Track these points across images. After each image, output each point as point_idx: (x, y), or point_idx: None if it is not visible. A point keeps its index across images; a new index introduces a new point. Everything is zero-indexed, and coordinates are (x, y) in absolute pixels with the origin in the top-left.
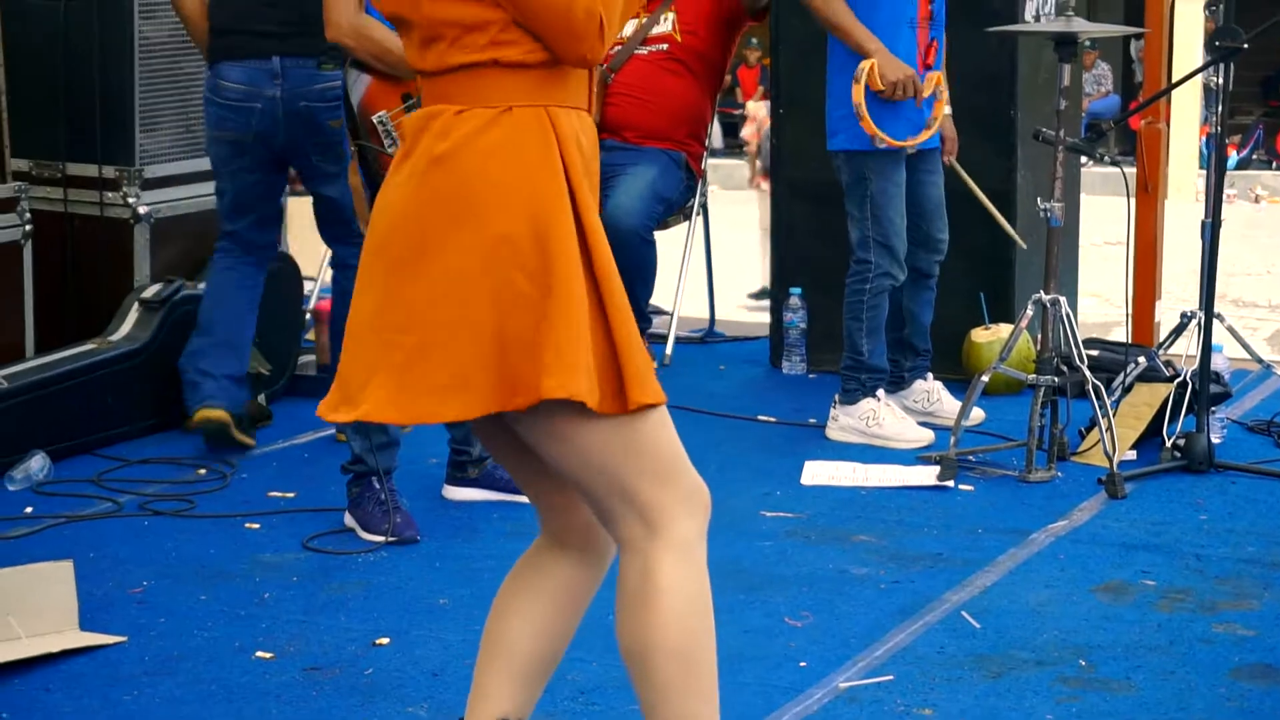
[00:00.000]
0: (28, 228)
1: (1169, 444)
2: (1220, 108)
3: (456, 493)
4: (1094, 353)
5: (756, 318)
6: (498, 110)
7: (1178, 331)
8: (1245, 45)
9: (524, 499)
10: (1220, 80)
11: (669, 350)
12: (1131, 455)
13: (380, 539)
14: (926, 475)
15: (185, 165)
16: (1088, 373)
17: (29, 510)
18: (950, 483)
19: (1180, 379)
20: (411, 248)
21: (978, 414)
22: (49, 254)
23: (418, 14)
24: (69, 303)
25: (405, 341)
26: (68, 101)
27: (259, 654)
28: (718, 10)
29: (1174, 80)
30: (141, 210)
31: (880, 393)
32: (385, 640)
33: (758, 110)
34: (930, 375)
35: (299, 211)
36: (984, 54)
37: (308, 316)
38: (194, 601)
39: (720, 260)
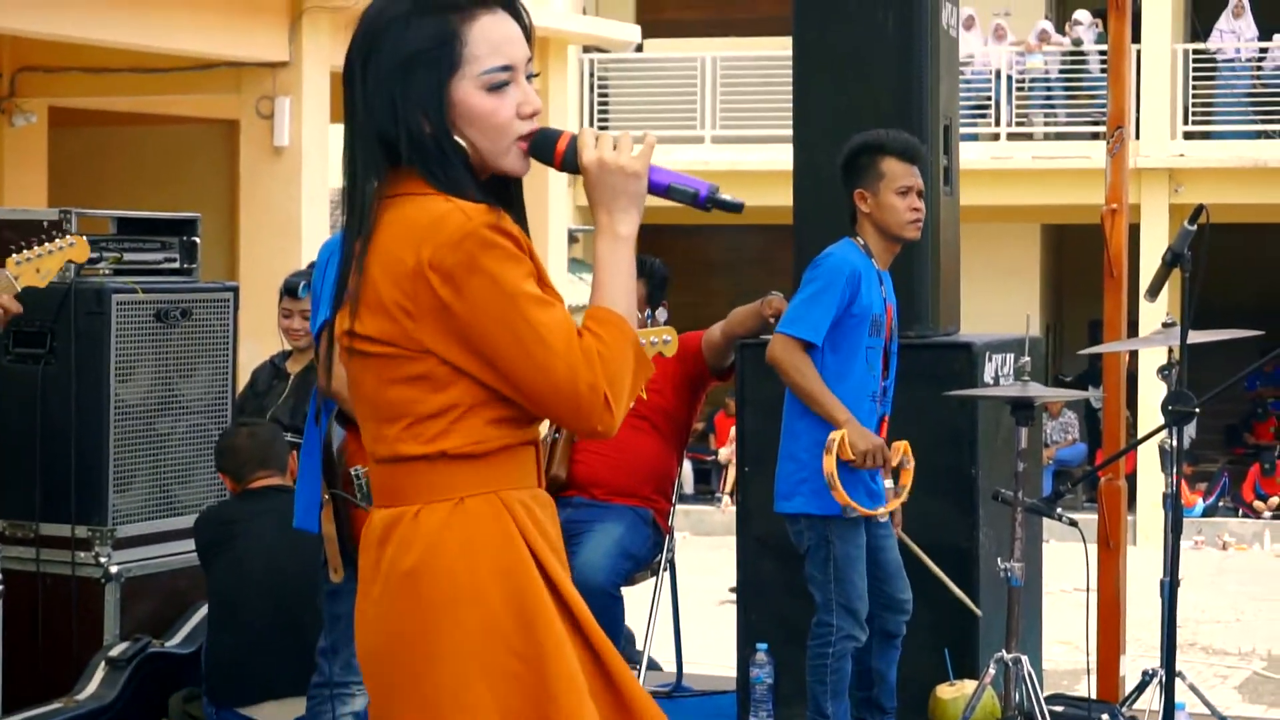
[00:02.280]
0: None
1: None
2: (1175, 469)
3: None
4: (1058, 709)
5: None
6: (452, 503)
7: (1140, 689)
8: (1197, 410)
9: None
10: (1175, 443)
11: None
12: None
13: None
14: None
15: (157, 524)
16: None
17: None
18: None
19: None
20: (404, 671)
21: None
22: (19, 612)
23: (380, 396)
24: (38, 661)
25: None
26: (43, 462)
27: None
28: (683, 371)
29: (1132, 441)
30: (113, 569)
31: None
32: None
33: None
34: None
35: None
36: (944, 413)
37: None
38: None
39: (692, 608)
